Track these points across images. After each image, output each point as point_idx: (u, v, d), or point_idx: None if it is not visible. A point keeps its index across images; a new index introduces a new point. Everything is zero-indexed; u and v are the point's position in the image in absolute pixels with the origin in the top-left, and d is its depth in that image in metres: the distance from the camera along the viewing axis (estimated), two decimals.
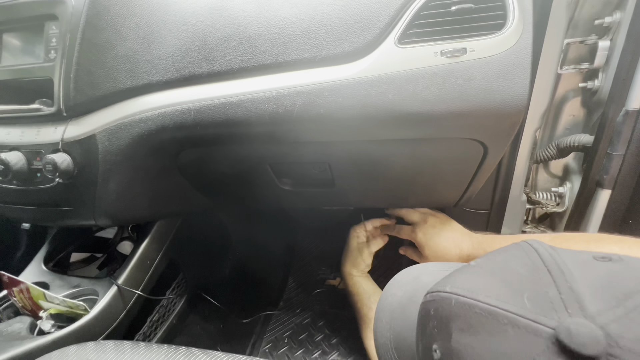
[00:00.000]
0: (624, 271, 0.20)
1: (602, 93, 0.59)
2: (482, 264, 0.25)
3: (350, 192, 0.63)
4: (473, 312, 0.21)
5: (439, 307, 0.24)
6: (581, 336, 0.17)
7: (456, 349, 0.21)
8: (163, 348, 0.41)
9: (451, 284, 0.24)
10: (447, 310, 0.23)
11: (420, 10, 0.40)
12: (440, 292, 0.24)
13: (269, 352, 0.85)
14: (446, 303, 0.23)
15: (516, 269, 0.23)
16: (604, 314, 0.18)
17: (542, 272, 0.21)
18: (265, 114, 0.44)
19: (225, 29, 0.45)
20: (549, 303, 0.19)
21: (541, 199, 0.72)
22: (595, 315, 0.18)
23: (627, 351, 0.16)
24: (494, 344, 0.20)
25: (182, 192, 0.63)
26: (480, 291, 0.22)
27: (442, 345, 0.22)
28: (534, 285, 0.21)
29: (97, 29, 0.46)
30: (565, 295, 0.19)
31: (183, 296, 0.79)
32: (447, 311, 0.23)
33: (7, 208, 0.57)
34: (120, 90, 0.47)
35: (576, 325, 0.17)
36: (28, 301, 0.55)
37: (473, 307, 0.21)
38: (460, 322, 0.22)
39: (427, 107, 0.41)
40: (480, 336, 0.20)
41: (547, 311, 0.19)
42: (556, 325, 0.18)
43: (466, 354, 0.21)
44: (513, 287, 0.21)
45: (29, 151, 0.50)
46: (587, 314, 0.18)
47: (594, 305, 0.18)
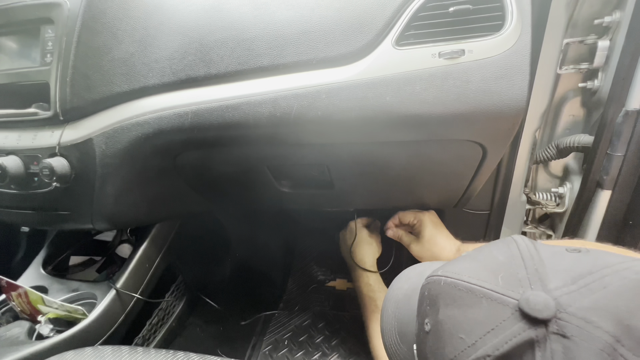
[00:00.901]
0: (586, 259, 0.24)
1: (601, 93, 0.58)
2: (471, 254, 0.30)
3: (349, 193, 0.62)
4: (457, 289, 0.25)
5: (432, 287, 0.28)
6: (537, 304, 0.21)
7: (441, 320, 0.25)
8: (161, 353, 0.41)
9: (443, 269, 0.28)
10: (437, 289, 0.27)
11: (418, 12, 0.40)
12: (433, 276, 0.28)
13: (269, 354, 0.85)
14: (437, 284, 0.27)
15: (496, 256, 0.27)
16: (559, 289, 0.22)
17: (517, 259, 0.25)
18: (263, 117, 0.44)
19: (222, 31, 0.44)
20: (517, 281, 0.24)
21: (541, 200, 0.72)
22: (552, 289, 0.22)
23: (571, 315, 0.21)
24: (471, 314, 0.24)
25: (181, 194, 0.63)
26: (464, 273, 0.26)
27: (432, 318, 0.27)
28: (508, 268, 0.25)
29: (93, 32, 0.46)
30: (531, 276, 0.23)
31: (182, 299, 0.79)
32: (437, 290, 0.27)
33: (4, 212, 0.56)
34: (117, 93, 0.47)
35: (534, 296, 0.22)
36: (26, 305, 0.55)
37: (457, 285, 0.26)
38: (446, 298, 0.26)
39: (426, 109, 0.41)
40: (461, 308, 0.25)
41: (515, 287, 0.23)
42: (519, 297, 0.22)
43: (449, 323, 0.25)
44: (491, 269, 0.26)
45: (26, 155, 0.50)
46: (546, 289, 0.22)
47: (553, 283, 0.22)
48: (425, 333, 0.27)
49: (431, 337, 0.26)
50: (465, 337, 0.23)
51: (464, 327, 0.24)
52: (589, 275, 0.22)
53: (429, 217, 0.65)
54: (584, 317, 0.20)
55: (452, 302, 0.25)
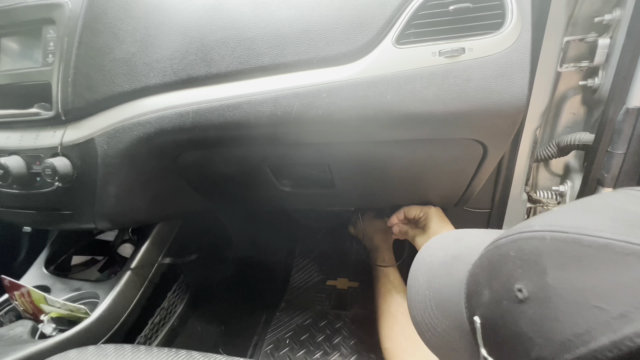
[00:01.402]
0: None
1: (602, 91, 0.58)
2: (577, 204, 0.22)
3: (350, 192, 0.62)
4: (580, 246, 0.18)
5: (524, 246, 0.21)
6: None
7: (554, 285, 0.19)
8: (163, 351, 0.41)
9: (539, 222, 0.21)
10: (539, 247, 0.20)
11: (418, 10, 0.40)
12: (524, 232, 0.21)
13: (270, 353, 0.86)
14: (536, 241, 0.20)
15: (625, 206, 0.20)
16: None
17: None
18: (264, 116, 0.44)
19: (223, 31, 0.45)
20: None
21: (542, 198, 0.72)
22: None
23: None
24: (611, 277, 0.17)
25: (182, 194, 0.63)
26: (586, 226, 0.19)
27: (532, 282, 0.20)
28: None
29: (95, 32, 0.46)
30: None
31: (184, 298, 0.79)
32: (537, 249, 0.20)
33: (7, 212, 0.57)
34: (119, 93, 0.47)
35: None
36: (29, 305, 0.56)
37: (579, 241, 0.19)
38: (560, 257, 0.19)
39: (426, 108, 0.41)
40: (590, 271, 0.18)
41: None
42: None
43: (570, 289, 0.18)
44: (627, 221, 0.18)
45: (28, 155, 0.50)
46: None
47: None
48: (518, 302, 0.20)
49: (531, 307, 0.20)
50: (607, 306, 0.17)
51: (601, 293, 0.17)
52: None
53: (435, 210, 0.64)
54: None
55: (574, 262, 0.18)
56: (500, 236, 0.23)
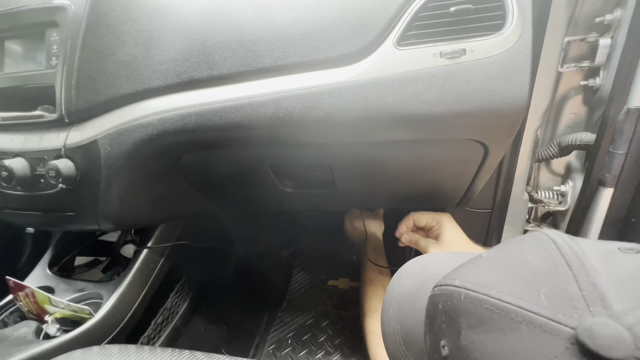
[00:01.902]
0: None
1: (603, 91, 0.58)
2: (495, 255, 0.24)
3: (352, 193, 0.63)
4: (484, 308, 0.20)
5: (448, 301, 0.22)
6: (605, 337, 0.15)
7: (465, 346, 0.20)
8: (167, 352, 0.41)
9: (461, 277, 0.22)
10: (456, 305, 0.21)
11: (419, 12, 0.40)
12: (449, 286, 0.23)
13: (272, 353, 0.86)
14: (455, 298, 0.22)
15: (532, 262, 0.21)
16: (630, 313, 0.16)
17: (561, 266, 0.19)
18: (266, 118, 0.44)
19: (225, 33, 0.45)
20: (568, 300, 0.18)
21: (543, 198, 0.72)
22: (621, 314, 0.16)
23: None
24: (507, 343, 0.18)
25: (184, 195, 0.64)
26: (492, 285, 0.20)
27: (451, 341, 0.21)
28: (551, 280, 0.19)
29: (98, 35, 0.46)
30: (586, 292, 0.17)
31: (186, 298, 0.80)
32: (455, 306, 0.22)
33: (11, 214, 0.57)
34: (121, 95, 0.48)
35: (599, 325, 0.16)
36: (34, 305, 0.56)
37: (483, 302, 0.20)
38: (470, 319, 0.20)
39: (427, 109, 0.41)
40: (492, 334, 0.19)
41: (566, 309, 0.17)
42: (576, 325, 0.16)
43: (477, 352, 0.19)
44: (528, 282, 0.20)
45: (32, 157, 0.51)
46: (612, 313, 0.16)
47: (620, 303, 0.17)
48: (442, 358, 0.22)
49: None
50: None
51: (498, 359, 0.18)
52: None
53: (448, 219, 0.59)
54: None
55: (479, 325, 0.20)
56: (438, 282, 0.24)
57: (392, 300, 0.31)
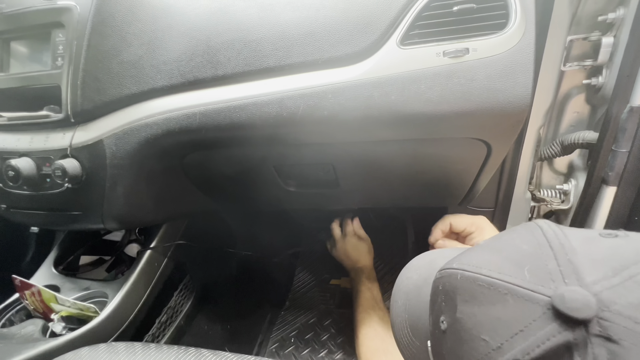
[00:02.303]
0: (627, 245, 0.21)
1: (606, 89, 0.58)
2: (489, 242, 0.27)
3: (355, 192, 0.63)
4: (476, 284, 0.22)
5: (447, 282, 0.25)
6: (574, 301, 0.18)
7: (460, 319, 0.23)
8: (173, 349, 0.42)
9: (458, 261, 0.25)
10: (454, 284, 0.24)
11: (422, 11, 0.41)
12: (448, 269, 0.26)
13: (275, 352, 0.86)
14: (453, 278, 0.24)
15: (520, 245, 0.24)
16: (599, 282, 0.19)
17: (544, 248, 0.22)
18: (270, 117, 0.44)
19: (229, 33, 0.45)
20: (547, 274, 0.20)
21: (546, 197, 0.72)
22: (591, 284, 0.19)
23: (617, 314, 0.17)
24: (494, 312, 0.21)
25: (188, 194, 0.64)
26: (484, 265, 0.23)
27: (449, 316, 0.24)
28: (535, 259, 0.22)
29: (103, 35, 0.47)
30: (563, 267, 0.20)
31: (190, 297, 0.80)
32: (453, 285, 0.24)
33: (17, 213, 0.58)
34: (126, 95, 0.48)
35: (570, 292, 0.19)
36: (40, 304, 0.57)
37: (476, 279, 0.23)
38: (464, 294, 0.23)
39: (430, 108, 0.41)
40: (483, 306, 0.22)
41: (545, 282, 0.20)
42: (552, 294, 0.19)
43: (469, 322, 0.22)
44: (515, 261, 0.22)
45: (38, 157, 0.51)
46: (583, 283, 0.19)
47: (591, 275, 0.19)
48: (442, 332, 0.24)
49: (449, 337, 0.24)
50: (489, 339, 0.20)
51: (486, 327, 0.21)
52: (634, 265, 0.19)
53: (489, 224, 0.55)
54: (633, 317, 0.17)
55: (472, 299, 0.22)
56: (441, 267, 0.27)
57: (400, 292, 0.33)
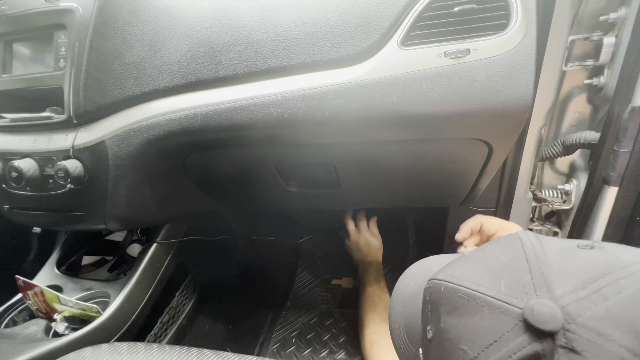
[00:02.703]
0: (599, 257, 0.22)
1: (607, 89, 0.58)
2: (474, 254, 0.28)
3: (356, 192, 0.63)
4: (457, 296, 0.24)
5: (433, 292, 0.26)
6: (542, 314, 0.19)
7: (443, 329, 0.24)
8: (175, 349, 0.42)
9: (443, 272, 0.27)
10: (438, 295, 0.25)
11: (423, 12, 0.41)
12: (434, 280, 0.27)
13: (277, 352, 0.86)
14: (437, 289, 0.26)
15: (499, 257, 0.25)
16: (567, 295, 0.20)
17: (521, 260, 0.23)
18: (271, 118, 0.45)
19: (230, 34, 0.45)
20: (521, 287, 0.22)
21: (547, 197, 0.72)
22: (560, 297, 0.20)
23: (581, 327, 0.18)
24: (472, 323, 0.22)
25: (190, 194, 0.64)
26: (465, 277, 0.24)
27: (434, 325, 0.25)
28: (511, 271, 0.23)
29: (105, 37, 0.47)
30: (536, 280, 0.21)
31: (192, 297, 0.80)
32: (437, 296, 0.26)
33: (20, 213, 0.58)
34: (128, 96, 0.48)
35: (539, 305, 0.20)
36: (42, 304, 0.57)
37: (457, 291, 0.24)
38: (447, 305, 0.24)
39: (432, 108, 0.41)
40: (463, 317, 0.23)
41: (519, 294, 0.21)
42: (524, 306, 0.20)
43: (451, 332, 0.23)
44: (493, 273, 0.24)
45: (41, 158, 0.51)
46: (553, 296, 0.20)
47: (561, 288, 0.20)
48: (428, 341, 0.25)
49: (434, 346, 0.25)
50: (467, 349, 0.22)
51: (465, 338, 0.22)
52: (602, 278, 0.20)
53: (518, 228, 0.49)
54: (596, 329, 0.18)
55: (453, 310, 0.24)
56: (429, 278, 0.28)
57: (398, 299, 0.34)
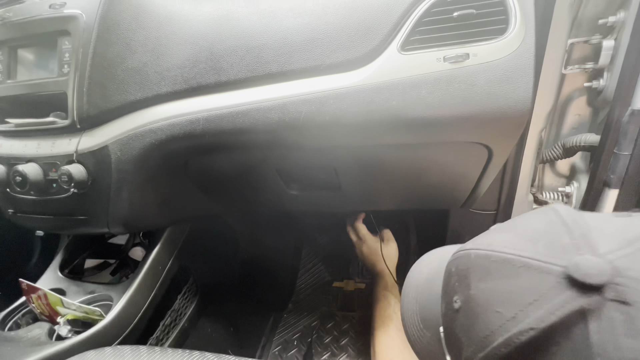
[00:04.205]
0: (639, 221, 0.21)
1: (607, 92, 0.58)
2: (504, 224, 0.27)
3: (357, 195, 0.63)
4: (490, 261, 0.23)
5: (460, 263, 0.26)
6: (589, 268, 0.19)
7: (473, 295, 0.23)
8: (177, 352, 0.42)
9: (472, 242, 0.26)
10: (467, 263, 0.25)
11: (423, 17, 0.41)
12: (461, 251, 0.26)
13: (278, 354, 0.87)
14: (466, 258, 0.25)
15: (533, 224, 0.24)
16: (613, 252, 0.19)
17: (558, 225, 0.22)
18: (272, 122, 0.45)
19: (232, 39, 0.46)
20: (561, 248, 0.21)
21: (548, 199, 0.72)
22: (605, 253, 0.19)
23: (631, 279, 0.18)
24: (507, 285, 0.21)
25: (192, 198, 0.65)
26: (497, 243, 0.23)
27: (462, 294, 0.24)
28: (549, 235, 0.22)
29: (108, 43, 0.48)
30: (577, 240, 0.21)
31: (194, 300, 0.81)
32: (466, 265, 0.25)
33: (24, 217, 0.58)
34: (131, 101, 0.49)
35: (585, 260, 0.19)
36: (46, 307, 0.57)
37: (490, 257, 0.23)
38: (478, 271, 0.23)
39: (431, 113, 0.41)
40: (496, 280, 0.22)
41: (559, 254, 0.20)
42: (566, 264, 0.19)
43: (482, 297, 0.22)
44: (529, 238, 0.23)
45: (45, 163, 0.52)
46: (597, 253, 0.19)
47: (605, 246, 0.20)
48: (455, 311, 0.24)
49: (462, 315, 0.24)
50: (503, 310, 0.21)
51: (500, 300, 0.21)
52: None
53: None
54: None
55: (486, 275, 0.23)
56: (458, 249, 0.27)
57: (411, 286, 0.34)
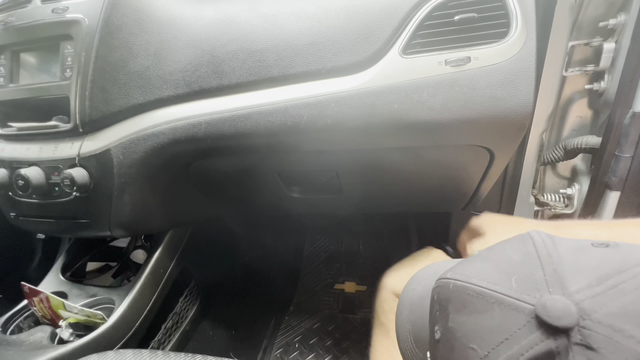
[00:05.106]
0: (615, 254, 0.21)
1: (608, 94, 0.58)
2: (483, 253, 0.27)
3: (358, 198, 0.63)
4: (466, 294, 0.23)
5: (440, 291, 0.26)
6: (556, 310, 0.19)
7: (451, 328, 0.23)
8: (180, 356, 0.42)
9: (452, 271, 0.26)
10: (446, 293, 0.25)
11: (424, 21, 0.41)
12: (442, 279, 0.26)
13: (280, 357, 0.86)
14: (446, 287, 0.25)
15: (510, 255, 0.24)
16: (582, 291, 0.19)
17: (532, 257, 0.23)
18: (274, 126, 0.45)
19: (233, 43, 0.46)
20: (533, 284, 0.21)
21: (549, 201, 0.72)
22: (574, 293, 0.19)
23: (597, 323, 0.18)
24: (482, 321, 0.22)
25: (194, 201, 0.65)
26: (474, 275, 0.24)
27: (442, 325, 0.24)
28: (522, 269, 0.22)
29: (111, 47, 0.48)
30: (549, 277, 0.21)
31: (195, 303, 0.81)
32: (446, 295, 0.25)
33: (27, 221, 0.59)
34: (133, 105, 0.49)
35: (552, 301, 0.19)
36: (48, 311, 0.57)
37: (466, 289, 0.23)
38: (456, 304, 0.24)
39: (433, 116, 0.41)
40: (472, 315, 0.22)
41: (530, 291, 0.21)
42: (536, 302, 0.20)
43: (459, 331, 0.23)
44: (504, 270, 0.23)
45: (47, 166, 0.52)
46: (567, 292, 0.20)
47: (575, 284, 0.20)
48: (436, 341, 0.25)
49: (442, 346, 0.24)
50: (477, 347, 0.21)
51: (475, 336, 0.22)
52: (618, 274, 0.19)
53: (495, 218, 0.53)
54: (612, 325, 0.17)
55: (462, 308, 0.23)
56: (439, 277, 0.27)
57: (405, 304, 0.34)
